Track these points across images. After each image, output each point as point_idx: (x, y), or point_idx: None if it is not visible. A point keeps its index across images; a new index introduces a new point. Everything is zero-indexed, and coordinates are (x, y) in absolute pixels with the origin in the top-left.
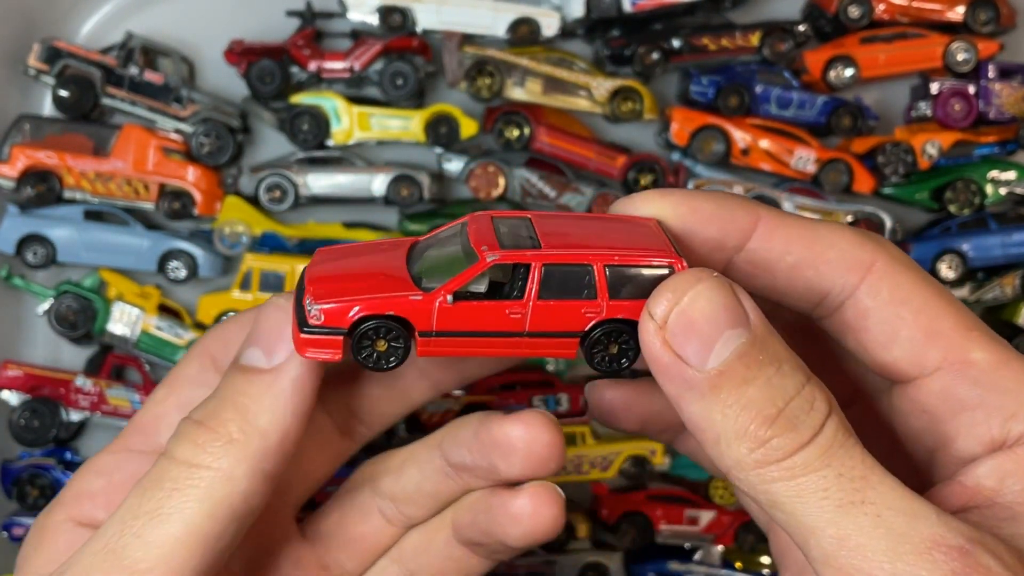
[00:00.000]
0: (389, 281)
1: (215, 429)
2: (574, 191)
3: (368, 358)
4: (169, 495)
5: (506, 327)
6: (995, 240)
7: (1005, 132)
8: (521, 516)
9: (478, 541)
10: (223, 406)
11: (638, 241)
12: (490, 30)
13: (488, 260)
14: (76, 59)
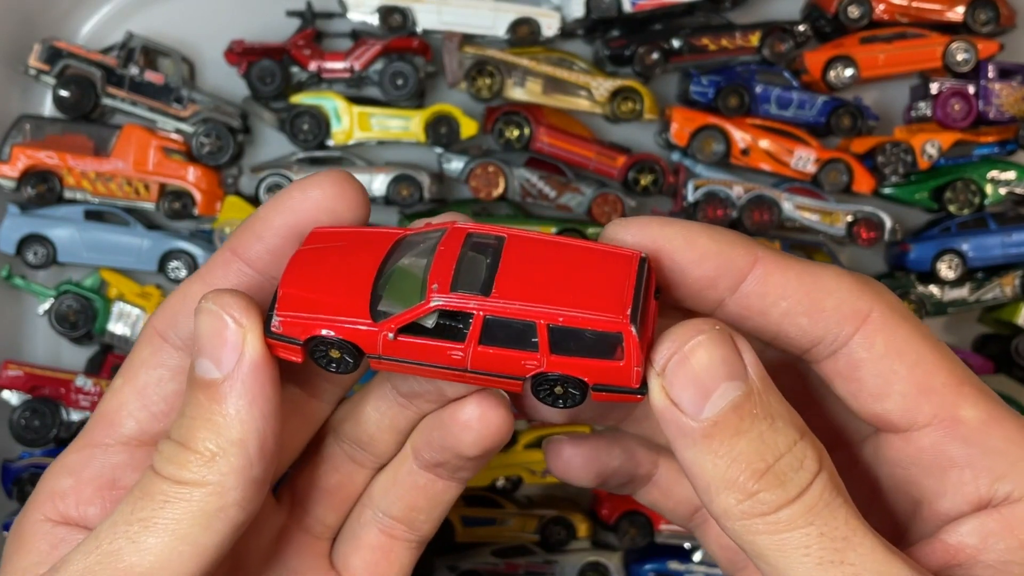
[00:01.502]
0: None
1: (195, 448)
2: (574, 191)
3: (324, 363)
4: (162, 507)
5: (449, 363)
6: (995, 240)
7: (1005, 132)
8: (470, 421)
9: (438, 461)
10: (195, 425)
11: (599, 292)
12: (490, 30)
13: (431, 304)
14: (77, 59)
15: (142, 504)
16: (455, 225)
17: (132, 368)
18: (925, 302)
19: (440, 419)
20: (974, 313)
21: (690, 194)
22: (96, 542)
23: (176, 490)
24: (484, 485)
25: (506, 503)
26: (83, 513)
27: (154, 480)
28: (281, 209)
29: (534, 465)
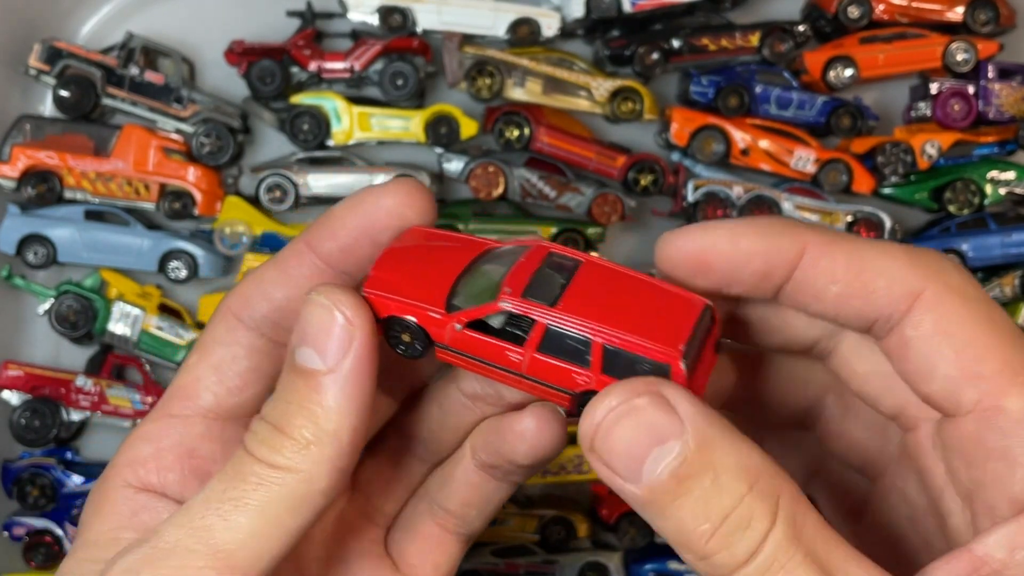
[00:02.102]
0: (430, 290)
1: (290, 435)
2: (574, 191)
3: (396, 344)
4: (254, 488)
5: (506, 364)
6: (994, 240)
7: (1004, 132)
8: (525, 432)
9: (493, 463)
10: (292, 411)
11: (657, 325)
12: (490, 30)
13: (499, 305)
14: (77, 59)
15: (234, 484)
16: (540, 243)
17: (207, 345)
18: None
19: (498, 426)
20: None
21: (690, 194)
22: (188, 516)
23: (268, 473)
24: None
25: (506, 503)
26: (163, 479)
27: (246, 460)
28: (356, 211)
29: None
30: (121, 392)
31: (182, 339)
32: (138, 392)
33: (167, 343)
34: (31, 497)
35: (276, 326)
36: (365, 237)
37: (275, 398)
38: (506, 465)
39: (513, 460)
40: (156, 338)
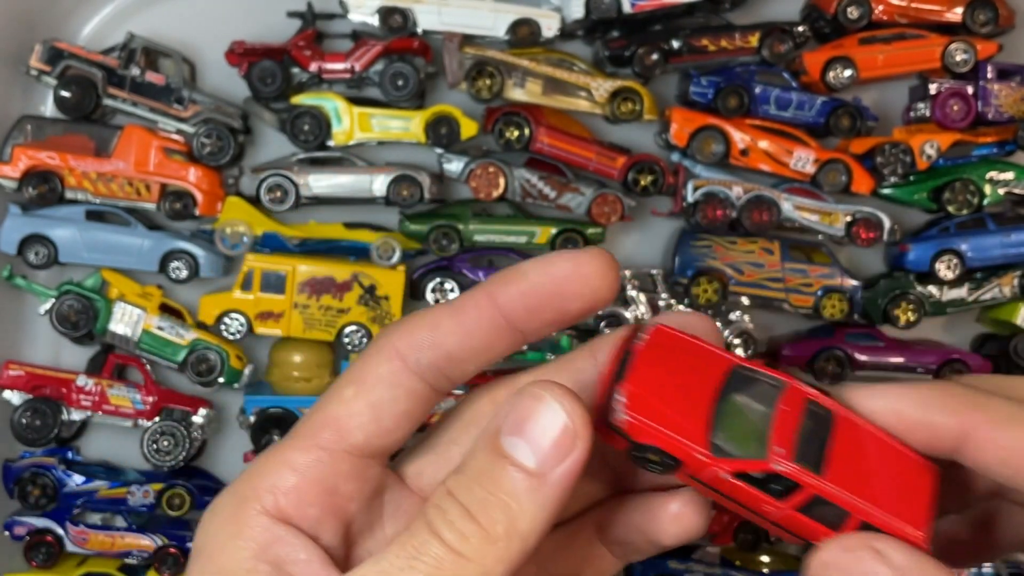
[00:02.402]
0: (689, 422)
1: (483, 525)
2: (574, 191)
3: (642, 461)
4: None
5: (757, 509)
6: (993, 240)
7: (1004, 133)
8: (680, 516)
9: (627, 541)
10: (491, 503)
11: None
12: (490, 31)
13: (772, 467)
14: (78, 60)
15: (413, 564)
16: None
17: (367, 382)
18: (924, 302)
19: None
20: (973, 313)
21: (689, 194)
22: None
23: (448, 557)
24: None
25: None
26: (303, 513)
27: (429, 540)
28: (547, 271)
29: None
30: (122, 392)
31: (183, 339)
32: (139, 392)
33: (168, 343)
34: (32, 497)
35: (440, 374)
36: (553, 300)
37: (470, 479)
38: (645, 545)
39: (658, 541)
40: (157, 338)
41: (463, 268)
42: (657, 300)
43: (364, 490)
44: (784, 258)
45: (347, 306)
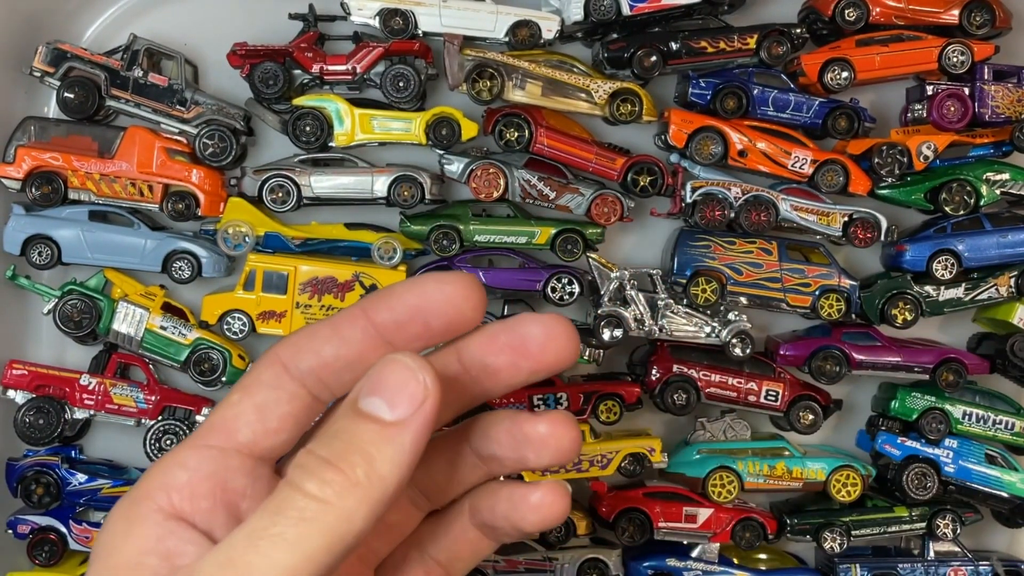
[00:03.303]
0: None
1: (344, 471)
2: (573, 192)
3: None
4: (295, 524)
5: None
6: (990, 240)
7: (1000, 133)
8: (540, 506)
9: (494, 525)
10: (350, 450)
11: None
12: (491, 33)
13: None
14: (81, 61)
15: (275, 520)
16: None
17: (251, 386)
18: (921, 302)
19: (510, 494)
20: (970, 313)
21: (688, 195)
22: (227, 553)
23: (311, 506)
24: None
25: None
26: (195, 507)
27: (291, 496)
28: (416, 291)
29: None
30: (125, 391)
31: (185, 338)
32: (142, 391)
33: (171, 342)
34: (35, 495)
35: (319, 381)
36: (419, 316)
37: (329, 436)
38: (509, 530)
39: (520, 528)
40: (160, 337)
41: (463, 268)
42: (656, 300)
43: (255, 488)
44: (782, 258)
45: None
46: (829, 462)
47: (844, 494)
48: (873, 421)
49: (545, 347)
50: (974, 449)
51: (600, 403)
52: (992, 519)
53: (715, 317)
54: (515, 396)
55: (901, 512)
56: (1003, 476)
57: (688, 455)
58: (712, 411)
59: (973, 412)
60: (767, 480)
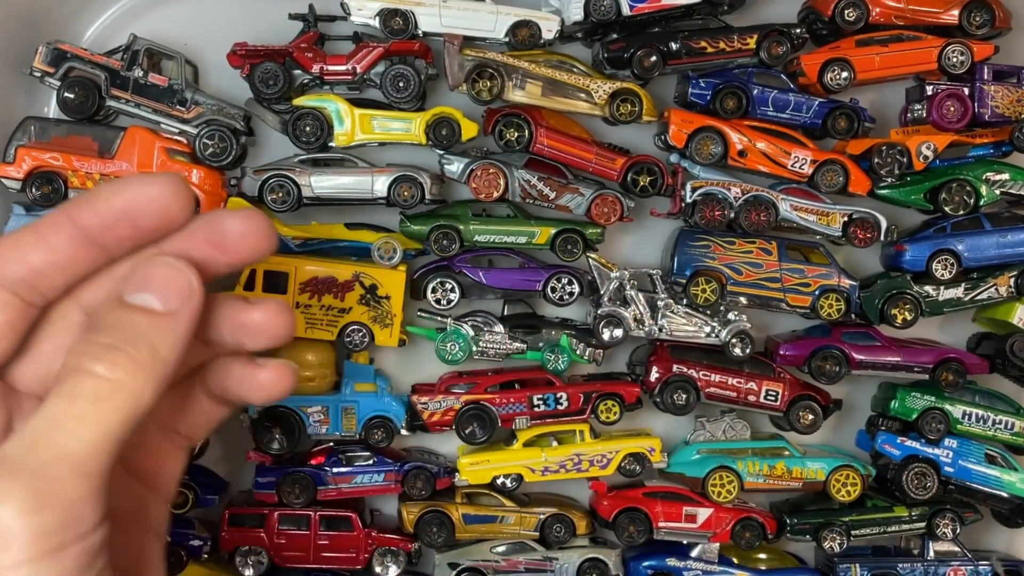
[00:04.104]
0: None
1: (131, 353)
2: (573, 192)
3: None
4: (93, 403)
5: None
6: (989, 240)
7: (1000, 133)
8: (266, 385)
9: (226, 398)
10: (133, 336)
11: None
12: (491, 33)
13: None
14: (81, 61)
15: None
16: None
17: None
18: (921, 302)
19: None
20: (969, 312)
21: (688, 195)
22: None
23: (107, 388)
24: (485, 483)
25: (506, 500)
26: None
27: (83, 379)
28: (122, 193)
29: (534, 463)
30: None
31: None
32: None
33: None
34: None
35: (30, 288)
36: (127, 218)
37: (107, 327)
38: (241, 402)
39: (250, 402)
40: None
41: (463, 268)
42: (656, 300)
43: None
44: (782, 258)
45: (348, 305)
46: (829, 462)
47: (844, 494)
48: (873, 421)
49: (241, 241)
50: (974, 449)
51: (600, 403)
52: (992, 519)
53: (715, 317)
54: (514, 396)
55: (901, 512)
56: (1003, 476)
57: (688, 455)
58: (712, 411)
59: (973, 412)
60: (767, 480)
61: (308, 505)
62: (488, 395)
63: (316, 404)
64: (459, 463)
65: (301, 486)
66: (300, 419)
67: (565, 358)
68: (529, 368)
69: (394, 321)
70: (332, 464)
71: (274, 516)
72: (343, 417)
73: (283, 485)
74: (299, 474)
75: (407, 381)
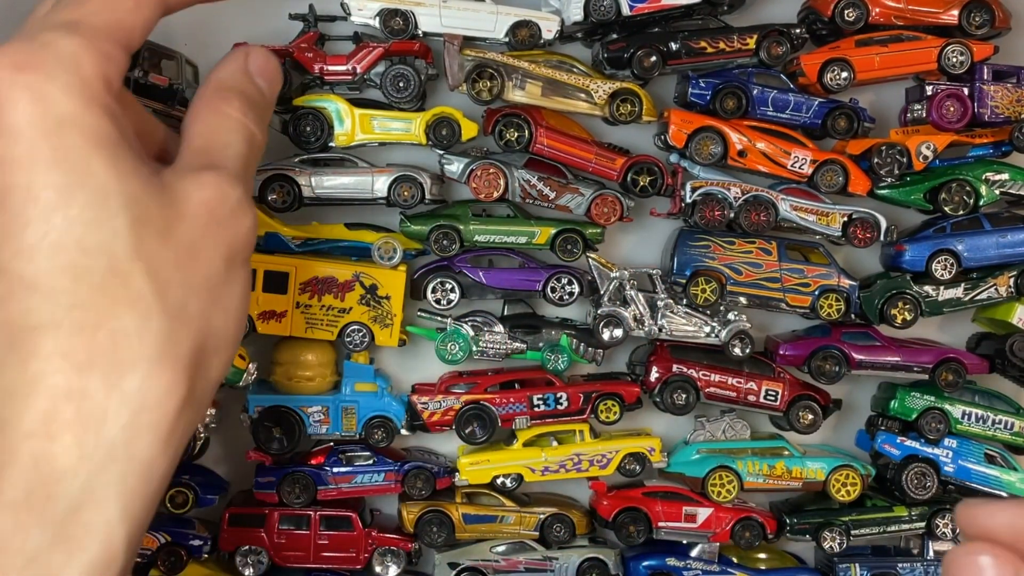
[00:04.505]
0: None
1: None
2: (573, 192)
3: None
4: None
5: None
6: (989, 240)
7: (999, 133)
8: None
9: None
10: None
11: None
12: (491, 34)
13: None
14: None
15: None
16: None
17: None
18: (920, 302)
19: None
20: (969, 313)
21: (688, 195)
22: None
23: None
24: (485, 482)
25: (506, 500)
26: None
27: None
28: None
29: (534, 463)
30: None
31: None
32: None
33: None
34: None
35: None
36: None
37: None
38: None
39: None
40: None
41: (463, 268)
42: (656, 300)
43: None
44: (781, 258)
45: (348, 306)
46: (828, 462)
47: (844, 494)
48: (873, 421)
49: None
50: (973, 449)
51: (600, 403)
52: None
53: (715, 317)
54: (514, 396)
55: (900, 512)
56: (1002, 476)
57: (688, 455)
58: (712, 411)
59: (972, 412)
60: (767, 480)
61: (308, 505)
62: (488, 395)
63: (316, 404)
64: (459, 463)
65: (301, 486)
66: (300, 419)
67: (565, 358)
68: (529, 368)
69: (394, 321)
70: (332, 464)
71: (274, 516)
72: (343, 417)
73: (283, 485)
74: (299, 474)
75: (407, 381)
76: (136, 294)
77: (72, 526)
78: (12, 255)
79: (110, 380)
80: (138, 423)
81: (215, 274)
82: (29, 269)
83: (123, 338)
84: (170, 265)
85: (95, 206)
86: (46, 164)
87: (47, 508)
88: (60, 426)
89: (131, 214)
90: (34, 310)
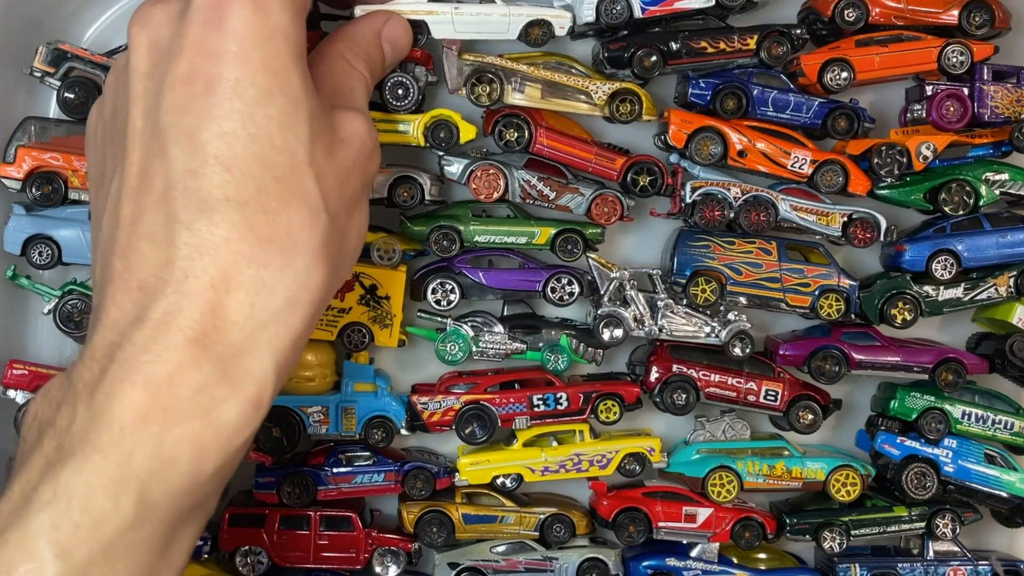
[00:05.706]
0: None
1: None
2: (573, 192)
3: None
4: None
5: None
6: (989, 240)
7: (999, 134)
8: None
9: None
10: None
11: None
12: (504, 35)
13: None
14: (82, 62)
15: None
16: None
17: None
18: (920, 302)
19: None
20: (969, 312)
21: (688, 195)
22: None
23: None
24: (485, 483)
25: (506, 500)
26: None
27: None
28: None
29: (534, 463)
30: None
31: None
32: None
33: None
34: None
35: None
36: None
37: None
38: None
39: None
40: None
41: (463, 268)
42: (656, 300)
43: None
44: (781, 258)
45: (348, 306)
46: (828, 462)
47: (843, 494)
48: (872, 421)
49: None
50: (973, 449)
51: (600, 403)
52: (991, 519)
53: (715, 317)
54: (514, 396)
55: (900, 512)
56: (1002, 476)
57: (688, 455)
58: (712, 411)
59: (972, 412)
60: (767, 480)
61: (308, 505)
62: (488, 395)
63: (316, 404)
64: (459, 463)
65: (301, 486)
66: (300, 419)
67: (565, 358)
68: (529, 368)
69: (394, 321)
70: (332, 464)
71: (274, 516)
72: (343, 417)
73: (283, 485)
74: (299, 474)
75: (407, 381)
76: (310, 193)
77: (234, 368)
78: (212, 136)
79: (284, 257)
80: (299, 299)
81: (356, 198)
82: (227, 152)
83: (298, 225)
84: (331, 179)
85: (288, 112)
86: (255, 66)
87: (216, 349)
88: (237, 285)
89: (311, 127)
90: (226, 185)
